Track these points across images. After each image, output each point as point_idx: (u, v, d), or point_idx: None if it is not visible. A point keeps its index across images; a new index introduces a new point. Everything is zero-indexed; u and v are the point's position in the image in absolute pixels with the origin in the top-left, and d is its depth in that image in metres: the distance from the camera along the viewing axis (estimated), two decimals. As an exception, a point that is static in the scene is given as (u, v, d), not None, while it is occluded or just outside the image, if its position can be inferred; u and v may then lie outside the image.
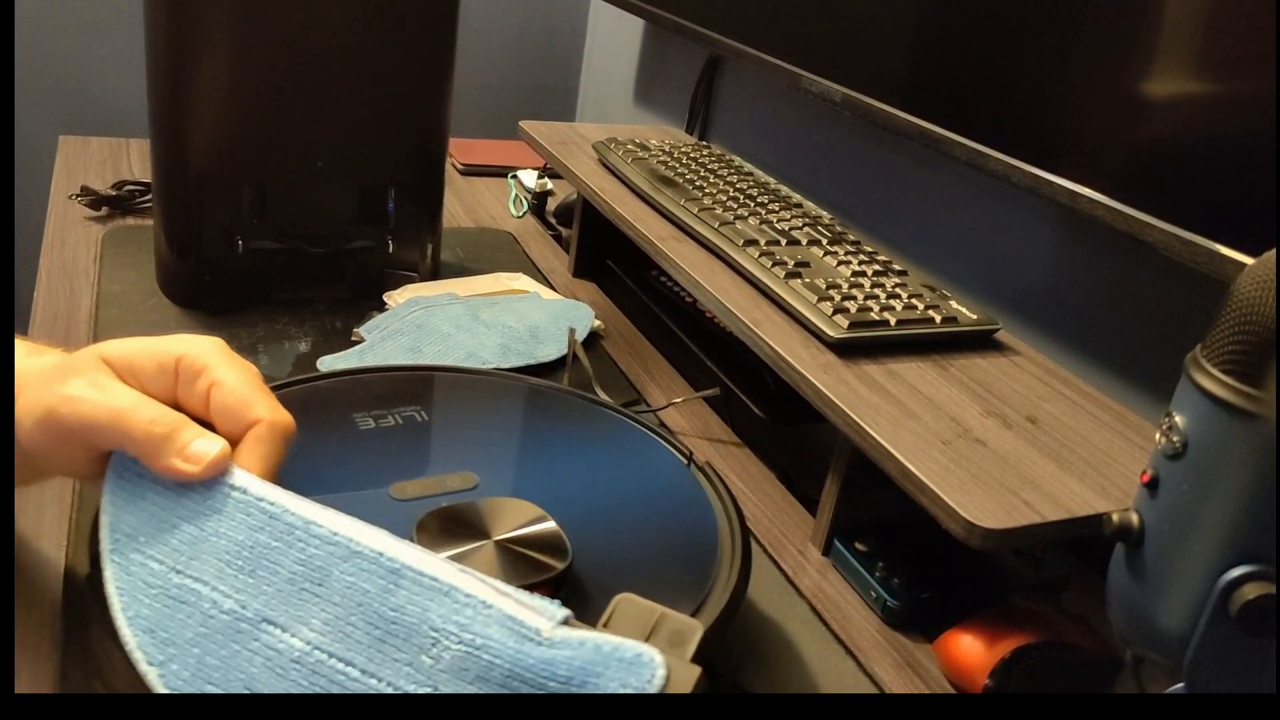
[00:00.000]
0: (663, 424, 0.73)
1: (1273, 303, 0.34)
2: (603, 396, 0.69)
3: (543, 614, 0.35)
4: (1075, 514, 0.51)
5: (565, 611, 0.35)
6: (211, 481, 0.39)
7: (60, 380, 0.40)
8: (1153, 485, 0.38)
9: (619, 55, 1.51)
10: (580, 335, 0.79)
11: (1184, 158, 0.56)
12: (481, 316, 0.79)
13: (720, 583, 0.46)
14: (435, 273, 0.88)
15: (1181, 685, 0.37)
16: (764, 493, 0.68)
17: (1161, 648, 0.38)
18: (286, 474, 0.42)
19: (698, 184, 0.86)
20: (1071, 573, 0.62)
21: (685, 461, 0.55)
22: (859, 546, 0.60)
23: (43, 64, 1.38)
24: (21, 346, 0.44)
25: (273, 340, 0.76)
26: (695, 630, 0.36)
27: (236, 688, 0.35)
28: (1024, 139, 0.66)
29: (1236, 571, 0.35)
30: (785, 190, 0.90)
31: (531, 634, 0.34)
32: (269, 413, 0.41)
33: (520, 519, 0.46)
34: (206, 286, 0.78)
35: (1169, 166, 0.57)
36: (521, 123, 1.02)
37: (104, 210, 0.94)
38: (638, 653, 0.34)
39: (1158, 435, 0.38)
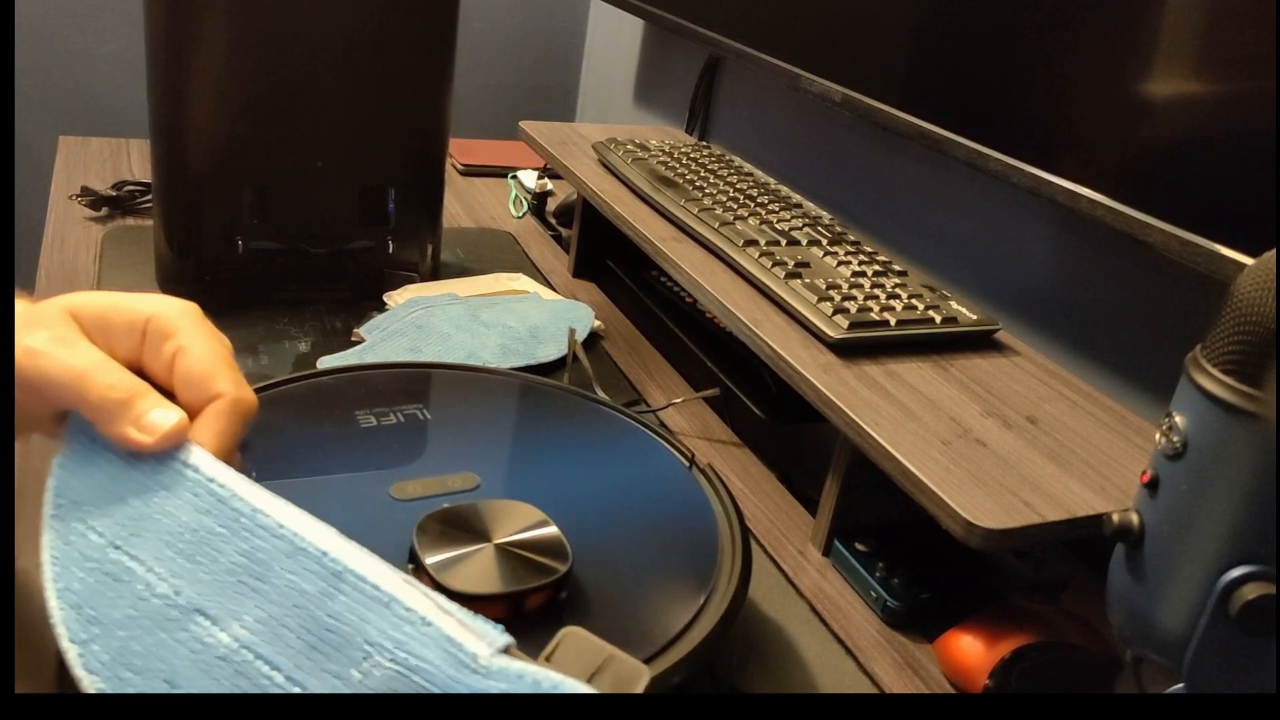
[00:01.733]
0: (663, 424, 0.73)
1: (1273, 303, 0.34)
2: (603, 397, 0.69)
3: (483, 638, 0.33)
4: (1075, 514, 0.51)
5: (507, 639, 0.33)
6: (164, 455, 0.37)
7: (26, 330, 0.38)
8: (1153, 485, 0.38)
9: (619, 55, 1.51)
10: (580, 335, 0.79)
11: (1184, 158, 0.56)
12: (481, 317, 0.79)
13: (721, 584, 0.46)
14: (435, 273, 0.88)
15: (1181, 685, 0.37)
16: (764, 493, 0.68)
17: (1161, 648, 0.38)
18: (288, 466, 0.41)
19: (698, 184, 0.86)
20: (1071, 573, 0.62)
21: (687, 463, 0.55)
22: (859, 546, 0.60)
23: (43, 64, 1.38)
24: None
25: (273, 340, 0.76)
26: (641, 675, 0.33)
27: (156, 679, 0.33)
28: (1024, 139, 0.66)
29: (1236, 572, 0.35)
30: (785, 190, 0.90)
31: (468, 659, 0.33)
32: (233, 388, 0.39)
33: (521, 522, 0.46)
34: (206, 286, 0.78)
35: (1169, 166, 0.57)
36: (521, 123, 1.02)
37: (104, 210, 0.94)
38: (576, 691, 0.32)
39: (1158, 435, 0.38)
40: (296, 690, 0.33)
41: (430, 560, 0.42)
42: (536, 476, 0.52)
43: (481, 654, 0.32)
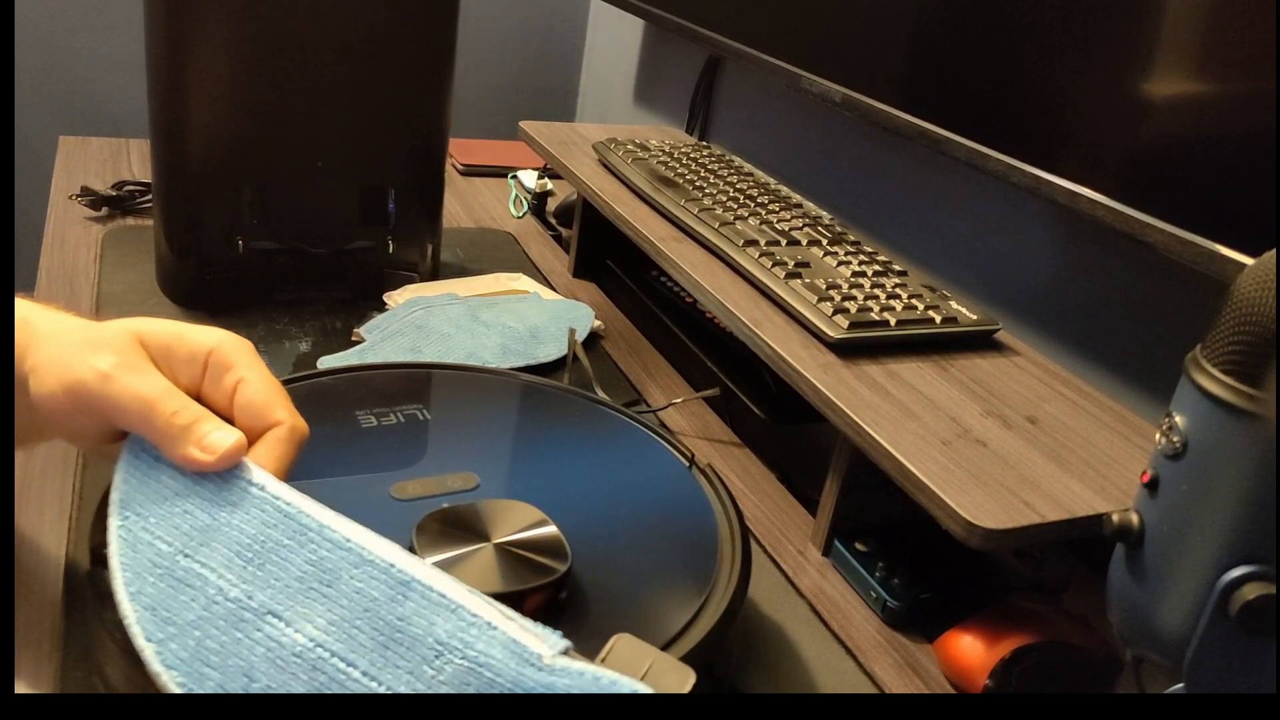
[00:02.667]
0: (663, 424, 0.73)
1: (1273, 303, 0.34)
2: (603, 397, 0.69)
3: (545, 641, 0.36)
4: (1075, 514, 0.51)
5: (566, 643, 0.36)
6: (229, 474, 0.39)
7: (93, 351, 0.40)
8: (1153, 485, 0.38)
9: (619, 55, 1.51)
10: (580, 335, 0.79)
11: (1184, 158, 0.56)
12: (481, 317, 0.79)
13: (721, 584, 0.46)
14: (435, 273, 0.88)
15: (1181, 685, 0.37)
16: (764, 493, 0.68)
17: (1161, 648, 0.38)
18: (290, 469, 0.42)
19: (698, 184, 0.86)
20: (1071, 573, 0.62)
21: (687, 463, 0.55)
22: (859, 546, 0.60)
23: (43, 64, 1.38)
24: (27, 304, 0.44)
25: (273, 340, 0.76)
26: (688, 677, 0.37)
27: (235, 674, 0.35)
28: (1024, 139, 0.66)
29: (1236, 572, 0.35)
30: (785, 190, 0.90)
31: (533, 659, 0.35)
32: (290, 417, 0.42)
33: (520, 522, 0.46)
34: (206, 286, 0.78)
35: (1169, 166, 0.57)
36: (521, 123, 1.02)
37: (104, 210, 0.94)
38: (633, 688, 0.35)
39: (1158, 435, 0.38)
40: (375, 685, 0.35)
41: (430, 560, 0.42)
42: (536, 476, 0.52)
43: (545, 655, 0.35)
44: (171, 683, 0.35)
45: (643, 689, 0.35)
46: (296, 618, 0.36)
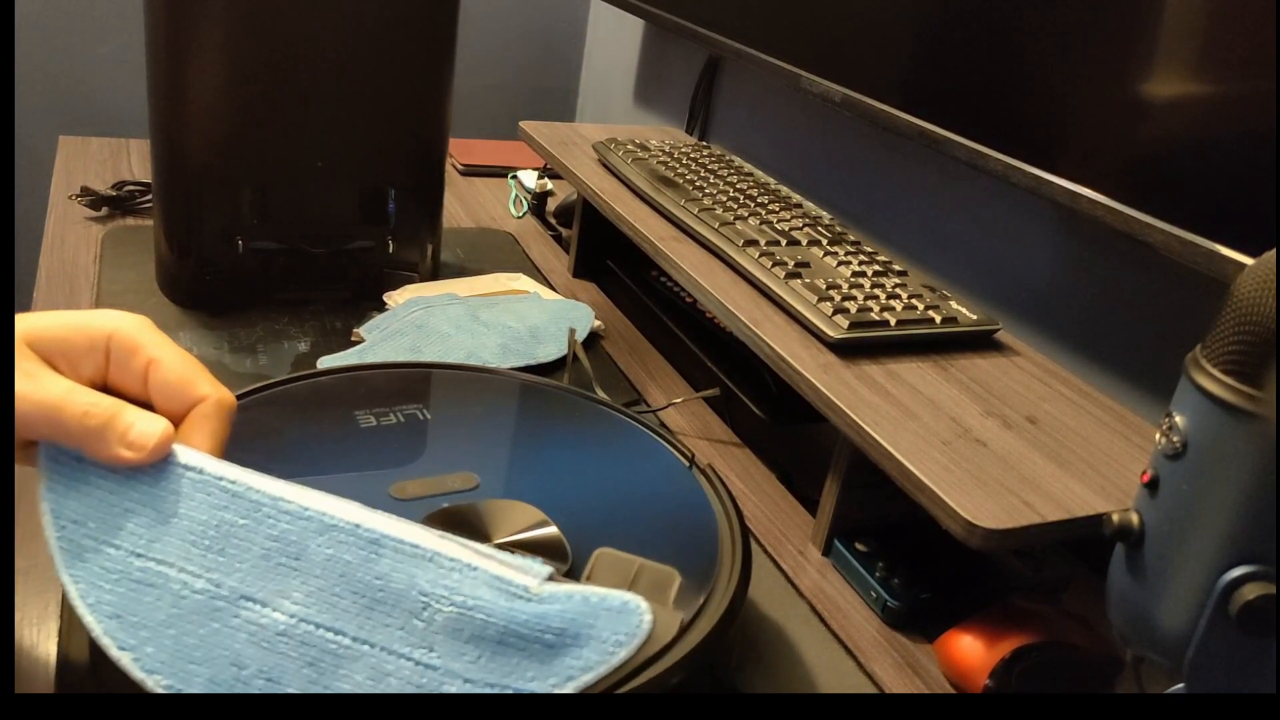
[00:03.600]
0: (663, 424, 0.73)
1: (1273, 303, 0.34)
2: (603, 397, 0.69)
3: (528, 572, 0.36)
4: (1075, 514, 0.51)
5: (548, 568, 0.36)
6: (162, 464, 0.37)
7: None
8: (1153, 485, 0.38)
9: (619, 55, 1.51)
10: (580, 335, 0.79)
11: (1184, 158, 0.56)
12: (481, 317, 0.79)
13: (721, 584, 0.46)
14: (435, 273, 0.88)
15: (1181, 685, 0.37)
16: (764, 493, 0.68)
17: (1161, 648, 0.38)
18: (288, 467, 0.41)
19: (698, 184, 0.86)
20: (1071, 573, 0.62)
21: (687, 463, 0.55)
22: (859, 546, 0.60)
23: (43, 64, 1.38)
24: None
25: (273, 340, 0.76)
26: (673, 578, 0.38)
27: (223, 665, 0.34)
28: (1024, 139, 0.66)
29: (1236, 571, 0.35)
30: (785, 190, 0.90)
31: (520, 591, 0.35)
32: (214, 389, 0.40)
33: (521, 523, 0.46)
34: (206, 286, 0.78)
35: (1169, 167, 0.57)
36: (521, 123, 1.02)
37: (104, 210, 0.94)
38: (624, 601, 0.35)
39: (1158, 435, 0.38)
40: (367, 649, 0.35)
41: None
42: (536, 476, 0.52)
43: (532, 585, 0.35)
44: (158, 687, 0.34)
45: (632, 599, 0.35)
46: (272, 596, 0.35)
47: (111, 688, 0.43)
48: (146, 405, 0.39)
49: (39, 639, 0.47)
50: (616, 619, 0.35)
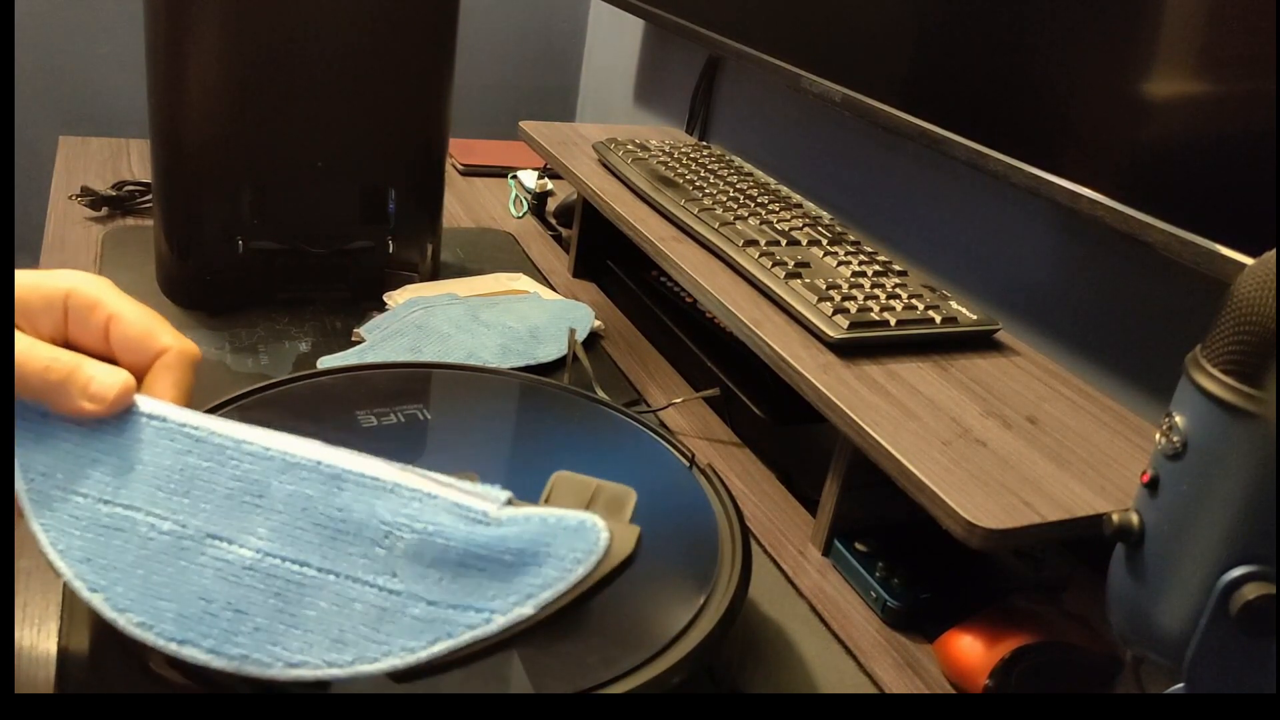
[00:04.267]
0: (663, 424, 0.73)
1: (1273, 303, 0.34)
2: (603, 397, 0.69)
3: (486, 498, 0.37)
4: (1075, 514, 0.51)
5: (506, 493, 0.37)
6: (125, 414, 0.38)
7: None
8: (1153, 485, 0.38)
9: (619, 55, 1.51)
10: (580, 335, 0.79)
11: (1184, 158, 0.56)
12: (481, 317, 0.79)
13: (721, 584, 0.46)
14: (435, 273, 0.88)
15: (1181, 685, 0.37)
16: (764, 493, 0.68)
17: (1161, 648, 0.38)
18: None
19: (698, 184, 0.86)
20: (1071, 573, 0.62)
21: (687, 463, 0.55)
22: (859, 546, 0.60)
23: (43, 64, 1.38)
24: None
25: (273, 340, 0.76)
26: (629, 495, 0.39)
27: (190, 600, 0.35)
28: (1024, 139, 0.66)
29: (1236, 571, 0.35)
30: (785, 190, 0.90)
31: (479, 516, 0.36)
32: (176, 340, 0.41)
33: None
34: (206, 286, 0.78)
35: (1169, 166, 0.57)
36: (521, 123, 1.02)
37: (104, 210, 0.94)
38: (580, 520, 0.36)
39: (1158, 435, 0.38)
40: (331, 578, 0.36)
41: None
42: (536, 476, 0.52)
43: (491, 510, 0.36)
44: (130, 624, 0.35)
45: (589, 517, 0.36)
46: (237, 534, 0.36)
47: (112, 688, 0.43)
48: (111, 360, 0.40)
49: (39, 639, 0.47)
50: (574, 537, 0.36)
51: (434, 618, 0.35)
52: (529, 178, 1.18)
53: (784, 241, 0.77)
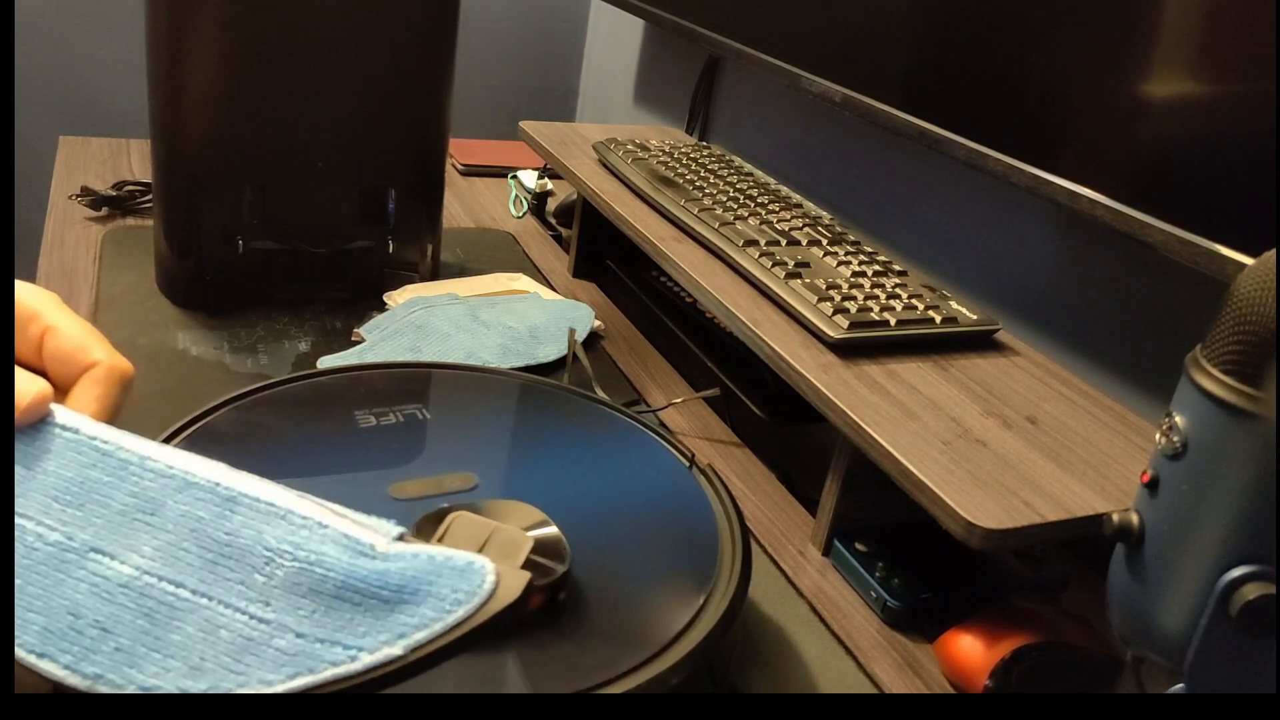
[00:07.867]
0: (663, 424, 0.73)
1: (1273, 303, 0.34)
2: (603, 397, 0.69)
3: (378, 531, 0.36)
4: (1075, 514, 0.51)
5: (400, 529, 0.36)
6: (40, 425, 0.38)
7: None
8: (1153, 485, 0.38)
9: (619, 55, 1.51)
10: (580, 335, 0.79)
11: (1184, 158, 0.56)
12: (481, 317, 0.79)
13: (721, 584, 0.46)
14: (435, 273, 0.88)
15: (1181, 685, 0.37)
16: (764, 493, 0.68)
17: (1161, 648, 0.38)
18: (287, 466, 0.41)
19: (698, 184, 0.86)
20: (1071, 573, 0.62)
21: (687, 463, 0.55)
22: (859, 546, 0.60)
23: (43, 64, 1.38)
24: None
25: (273, 340, 0.76)
26: (525, 543, 0.38)
27: (59, 614, 0.35)
28: (1024, 139, 0.66)
29: (1236, 571, 0.35)
30: (785, 190, 0.90)
31: (365, 549, 0.35)
32: (108, 356, 0.41)
33: (520, 522, 0.46)
34: (206, 287, 0.78)
35: (1169, 166, 0.57)
36: (521, 123, 1.02)
37: (104, 210, 0.94)
38: (469, 561, 0.35)
39: (1158, 435, 0.38)
40: (204, 601, 0.35)
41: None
42: (536, 476, 0.52)
43: (379, 543, 0.35)
44: None
45: (478, 559, 0.35)
46: (121, 550, 0.36)
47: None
48: (44, 374, 0.40)
49: (39, 639, 0.47)
50: (458, 577, 0.35)
51: (298, 650, 0.34)
52: (529, 178, 1.18)
53: (784, 241, 0.77)
